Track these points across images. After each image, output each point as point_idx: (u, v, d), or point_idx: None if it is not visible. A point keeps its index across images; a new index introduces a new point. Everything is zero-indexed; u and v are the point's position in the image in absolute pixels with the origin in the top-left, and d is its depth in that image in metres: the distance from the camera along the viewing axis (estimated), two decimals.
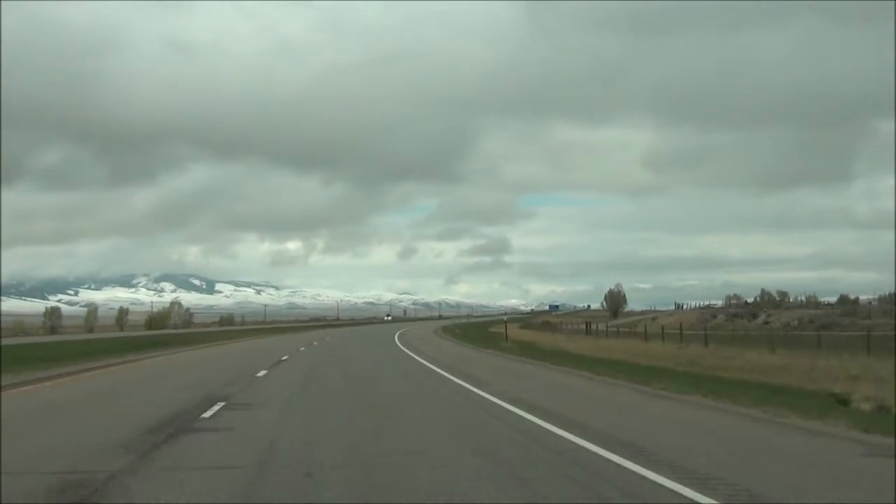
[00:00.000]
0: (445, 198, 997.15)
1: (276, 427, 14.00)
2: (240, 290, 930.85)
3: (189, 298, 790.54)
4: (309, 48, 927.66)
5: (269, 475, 9.51)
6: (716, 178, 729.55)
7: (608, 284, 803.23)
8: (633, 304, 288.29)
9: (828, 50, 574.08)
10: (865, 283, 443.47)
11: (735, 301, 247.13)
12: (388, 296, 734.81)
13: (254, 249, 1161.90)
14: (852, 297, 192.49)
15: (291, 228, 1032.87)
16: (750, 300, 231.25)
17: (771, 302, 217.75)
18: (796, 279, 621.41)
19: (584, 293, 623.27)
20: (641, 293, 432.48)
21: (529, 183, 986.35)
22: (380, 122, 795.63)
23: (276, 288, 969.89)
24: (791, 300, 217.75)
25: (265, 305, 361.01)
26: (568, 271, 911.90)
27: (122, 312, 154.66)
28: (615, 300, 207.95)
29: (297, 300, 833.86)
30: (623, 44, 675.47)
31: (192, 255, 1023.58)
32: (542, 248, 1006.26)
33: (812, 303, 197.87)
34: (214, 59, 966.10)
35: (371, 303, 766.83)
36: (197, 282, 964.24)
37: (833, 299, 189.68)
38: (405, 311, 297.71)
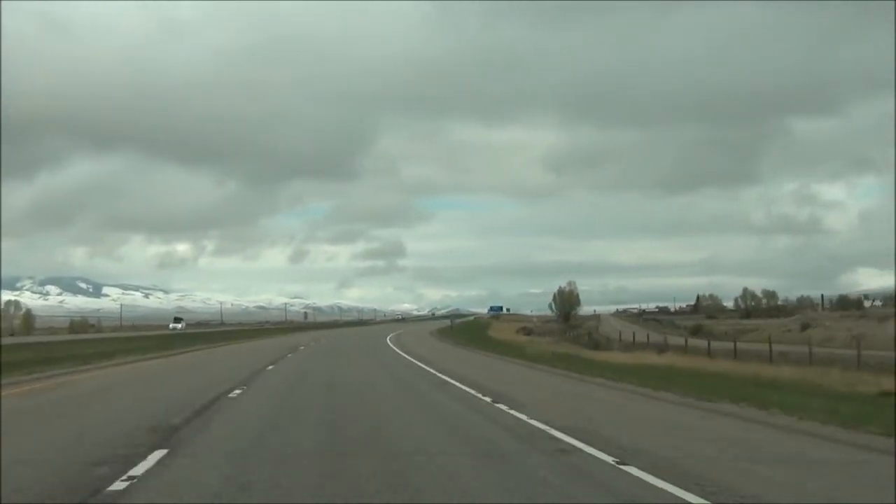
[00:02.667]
0: (339, 199, 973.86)
1: None
2: (128, 294, 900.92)
3: (76, 302, 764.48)
4: (197, 30, 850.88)
5: None
6: (616, 180, 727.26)
7: (502, 289, 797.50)
8: (525, 309, 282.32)
9: (736, 45, 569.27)
10: (755, 290, 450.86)
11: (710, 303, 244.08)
12: (279, 300, 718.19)
13: (141, 251, 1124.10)
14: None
15: (180, 229, 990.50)
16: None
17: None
18: (685, 285, 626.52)
19: (478, 298, 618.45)
20: (533, 297, 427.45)
21: (426, 184, 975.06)
22: (272, 113, 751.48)
23: (165, 291, 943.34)
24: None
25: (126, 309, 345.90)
26: (461, 276, 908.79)
27: None
28: (567, 301, 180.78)
29: (187, 304, 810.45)
30: (528, 37, 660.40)
31: (77, 258, 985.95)
32: (437, 253, 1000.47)
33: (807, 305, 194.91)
34: (93, 40, 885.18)
35: (262, 307, 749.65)
36: (84, 285, 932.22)
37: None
38: (305, 314, 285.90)
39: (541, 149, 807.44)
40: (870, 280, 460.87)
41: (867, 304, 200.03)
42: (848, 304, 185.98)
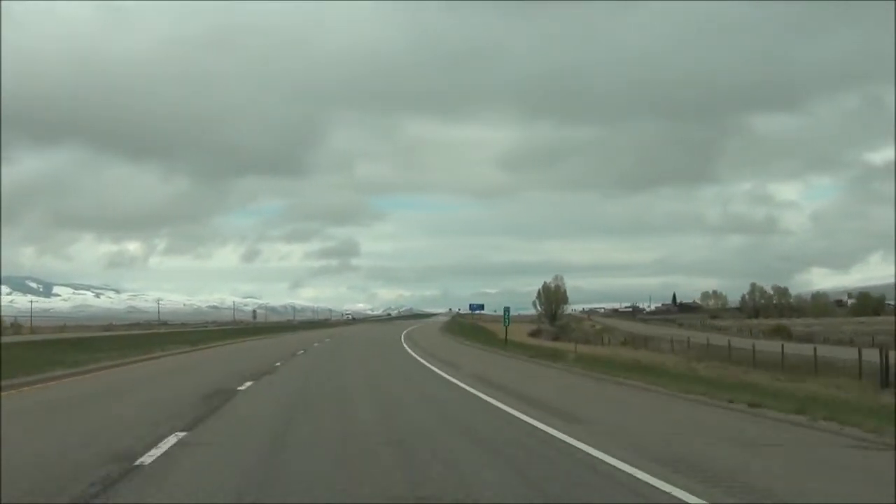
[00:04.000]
0: (292, 197, 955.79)
1: None
2: (78, 294, 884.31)
3: (26, 301, 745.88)
4: (144, 18, 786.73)
5: None
6: (573, 179, 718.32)
7: (455, 289, 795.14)
8: (489, 307, 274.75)
9: (696, 41, 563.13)
10: (707, 290, 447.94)
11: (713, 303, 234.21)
12: (232, 300, 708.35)
13: (92, 250, 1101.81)
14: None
15: (129, 227, 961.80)
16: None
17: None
18: (639, 285, 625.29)
19: (431, 298, 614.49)
20: (488, 297, 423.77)
21: (381, 183, 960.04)
22: (223, 107, 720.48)
23: (117, 291, 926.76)
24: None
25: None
26: (415, 276, 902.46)
27: None
28: (554, 299, 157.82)
29: (139, 304, 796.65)
30: (487, 32, 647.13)
31: (27, 256, 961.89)
32: (391, 252, 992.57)
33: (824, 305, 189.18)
34: (32, 25, 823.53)
35: (215, 307, 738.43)
36: (34, 284, 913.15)
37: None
38: (254, 313, 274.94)
39: (497, 147, 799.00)
40: (823, 280, 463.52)
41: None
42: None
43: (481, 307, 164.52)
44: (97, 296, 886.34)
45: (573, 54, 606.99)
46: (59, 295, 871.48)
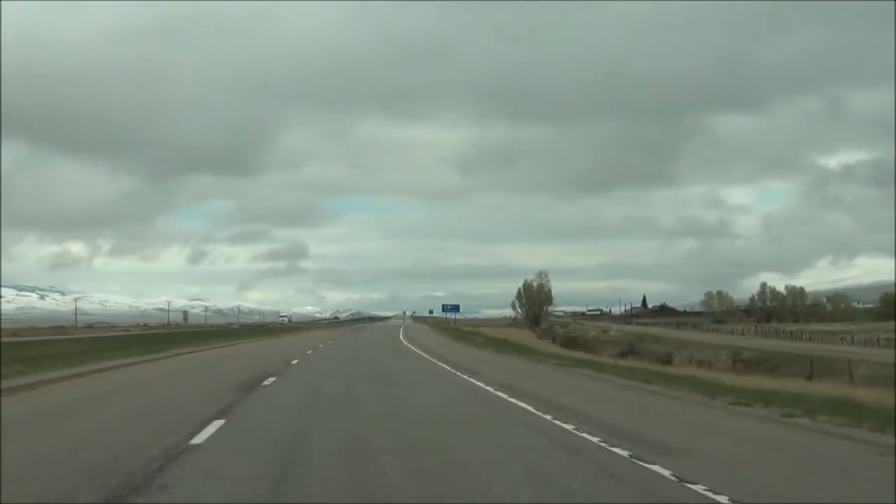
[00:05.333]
0: (240, 197, 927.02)
1: None
2: (23, 296, 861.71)
3: None
4: (87, 6, 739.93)
5: None
6: (526, 181, 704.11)
7: (405, 292, 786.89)
8: (438, 311, 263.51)
9: (655, 39, 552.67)
10: (655, 294, 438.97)
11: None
12: (179, 302, 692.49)
13: (35, 251, 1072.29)
14: None
15: (73, 227, 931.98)
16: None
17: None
18: (588, 289, 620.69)
19: (380, 301, 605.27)
20: (438, 300, 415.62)
21: (331, 183, 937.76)
22: (167, 102, 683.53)
23: (62, 293, 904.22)
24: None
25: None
26: (364, 278, 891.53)
27: None
28: (536, 299, 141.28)
29: (84, 306, 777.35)
30: (440, 28, 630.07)
31: None
32: (340, 255, 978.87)
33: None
34: None
35: (161, 309, 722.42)
36: None
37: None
38: (185, 315, 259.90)
39: (450, 148, 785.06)
40: (770, 284, 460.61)
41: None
42: None
43: (456, 308, 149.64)
44: (42, 297, 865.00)
45: (529, 52, 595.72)
46: (3, 296, 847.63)
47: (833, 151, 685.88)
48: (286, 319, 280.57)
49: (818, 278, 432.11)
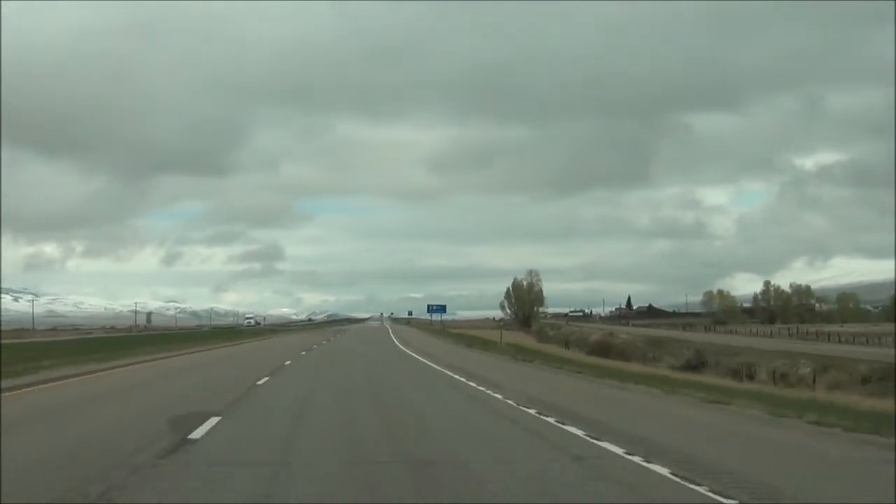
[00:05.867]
0: (215, 198, 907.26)
1: None
2: None
3: None
4: (56, 3, 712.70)
5: None
6: (503, 182, 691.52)
7: (381, 294, 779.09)
8: (419, 313, 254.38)
9: (634, 38, 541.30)
10: (634, 295, 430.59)
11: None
12: (154, 304, 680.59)
13: (9, 252, 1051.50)
14: None
15: (45, 228, 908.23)
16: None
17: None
18: (563, 290, 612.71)
19: (356, 303, 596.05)
20: (414, 302, 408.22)
21: (307, 184, 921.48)
22: (141, 101, 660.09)
23: (36, 295, 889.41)
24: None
25: None
26: (341, 280, 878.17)
27: None
28: (526, 299, 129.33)
29: (58, 308, 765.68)
30: (420, 26, 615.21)
31: None
32: (316, 256, 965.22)
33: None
34: None
35: (136, 311, 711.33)
36: None
37: None
38: (148, 317, 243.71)
39: (427, 148, 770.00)
40: (746, 285, 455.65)
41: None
42: None
43: (443, 309, 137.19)
44: (16, 299, 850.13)
45: (507, 52, 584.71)
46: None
47: (810, 151, 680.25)
48: (252, 322, 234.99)
49: (793, 279, 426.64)
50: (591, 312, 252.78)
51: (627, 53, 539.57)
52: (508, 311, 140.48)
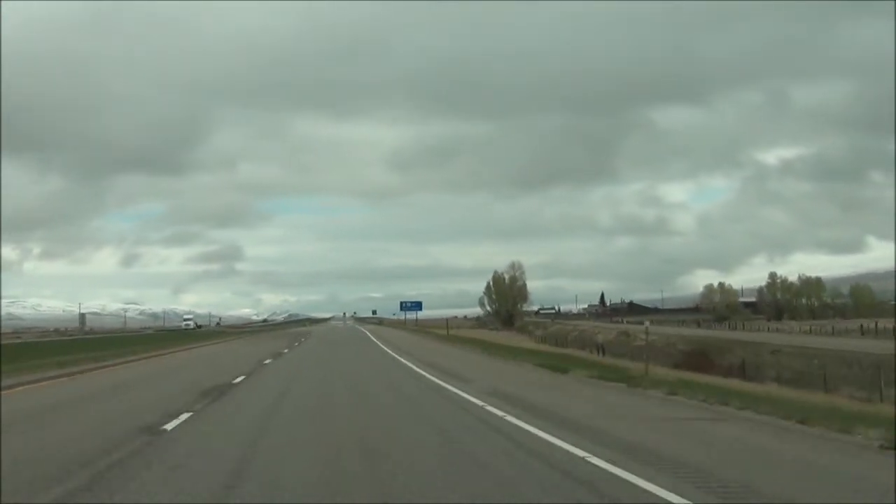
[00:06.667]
0: (173, 198, 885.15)
1: None
2: None
3: None
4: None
5: None
6: (465, 179, 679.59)
7: (341, 294, 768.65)
8: (387, 312, 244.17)
9: (598, 31, 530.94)
10: (594, 293, 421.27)
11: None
12: (113, 306, 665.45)
13: None
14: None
15: (2, 230, 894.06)
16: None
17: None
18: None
19: (316, 303, 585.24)
20: (375, 301, 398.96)
21: (267, 184, 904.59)
22: (96, 97, 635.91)
23: None
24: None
25: None
26: (301, 280, 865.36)
27: None
28: (508, 295, 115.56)
29: (17, 311, 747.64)
30: (382, 20, 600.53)
31: None
32: (276, 256, 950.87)
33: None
34: None
35: (96, 313, 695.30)
36: None
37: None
38: (82, 318, 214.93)
39: (389, 146, 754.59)
40: (706, 282, 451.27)
41: None
42: None
43: (418, 306, 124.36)
44: None
45: (469, 47, 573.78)
46: None
47: (772, 146, 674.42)
48: (191, 324, 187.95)
49: (751, 276, 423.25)
50: (559, 310, 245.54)
51: (591, 48, 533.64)
52: (489, 308, 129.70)
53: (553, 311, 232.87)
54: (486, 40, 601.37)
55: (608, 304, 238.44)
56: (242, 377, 30.29)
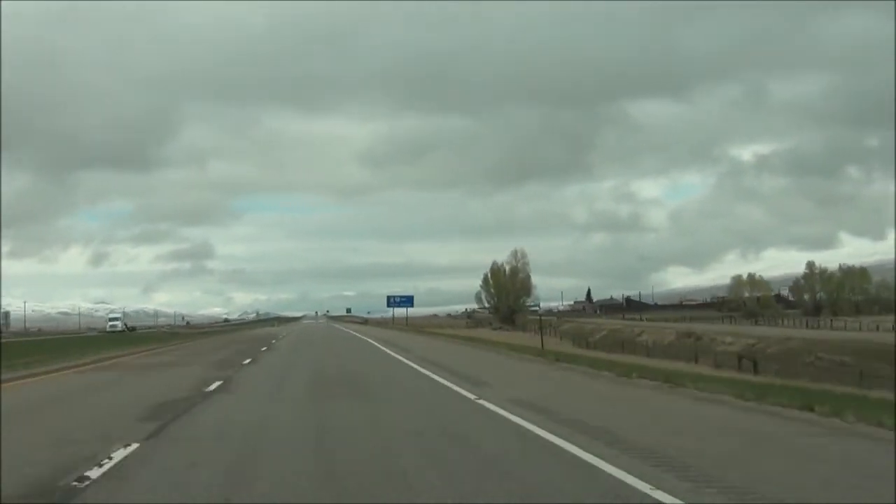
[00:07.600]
0: (142, 196, 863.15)
1: None
2: None
3: None
4: None
5: None
6: (436, 177, 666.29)
7: (314, 292, 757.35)
8: (360, 310, 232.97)
9: (574, 22, 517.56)
10: (569, 290, 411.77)
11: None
12: (84, 305, 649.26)
13: None
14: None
15: None
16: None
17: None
18: None
19: (288, 301, 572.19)
20: (347, 300, 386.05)
21: (237, 181, 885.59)
22: (62, 92, 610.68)
23: None
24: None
25: None
26: (272, 279, 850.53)
27: None
28: (510, 289, 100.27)
29: None
30: (353, 14, 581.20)
31: None
32: (247, 255, 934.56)
33: None
34: None
35: (66, 313, 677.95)
36: None
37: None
38: (6, 315, 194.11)
39: (361, 142, 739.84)
40: (679, 279, 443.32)
41: None
42: None
43: (409, 301, 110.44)
44: None
45: (442, 41, 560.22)
46: None
47: (748, 142, 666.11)
48: (119, 325, 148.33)
49: (724, 272, 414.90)
50: (539, 306, 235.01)
51: (567, 41, 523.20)
52: (486, 303, 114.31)
53: (536, 307, 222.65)
54: (459, 34, 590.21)
55: (593, 300, 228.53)
56: None
